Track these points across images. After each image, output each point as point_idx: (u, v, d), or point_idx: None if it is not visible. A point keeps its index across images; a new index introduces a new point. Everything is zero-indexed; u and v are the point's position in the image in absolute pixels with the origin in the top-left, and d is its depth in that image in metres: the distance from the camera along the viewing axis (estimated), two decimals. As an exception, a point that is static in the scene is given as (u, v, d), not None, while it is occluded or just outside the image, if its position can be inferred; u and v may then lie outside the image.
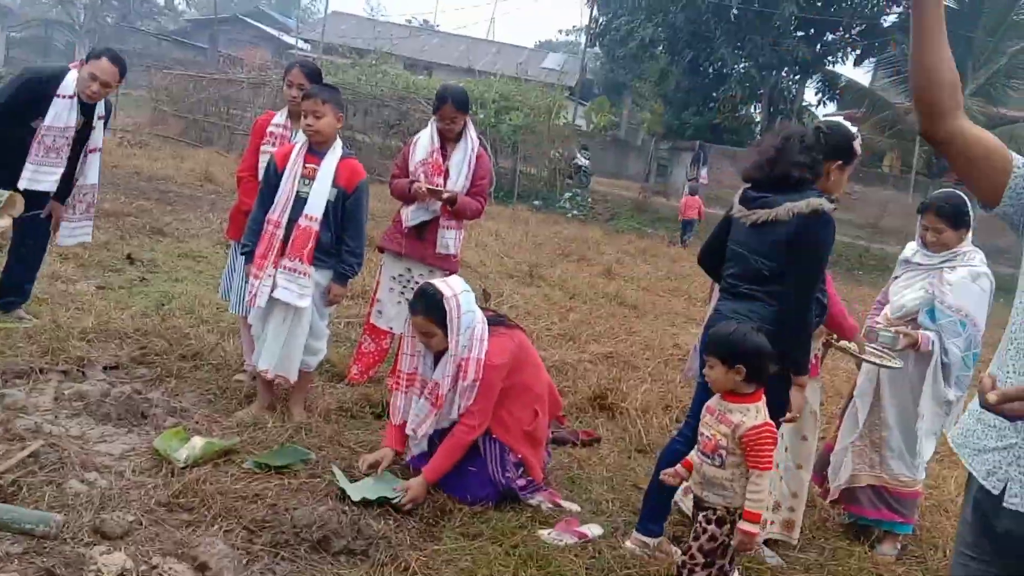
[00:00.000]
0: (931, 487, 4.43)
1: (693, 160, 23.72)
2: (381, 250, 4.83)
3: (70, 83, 4.52)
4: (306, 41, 36.05)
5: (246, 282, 4.00)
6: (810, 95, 27.06)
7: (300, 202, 3.85)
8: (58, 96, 4.50)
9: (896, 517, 3.77)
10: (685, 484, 3.11)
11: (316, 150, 3.91)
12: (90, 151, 4.76)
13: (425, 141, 4.59)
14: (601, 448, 4.35)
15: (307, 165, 3.89)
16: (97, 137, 4.77)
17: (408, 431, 3.57)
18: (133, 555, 2.67)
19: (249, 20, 41.92)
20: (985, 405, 1.60)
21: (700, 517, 2.74)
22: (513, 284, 8.31)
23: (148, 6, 46.50)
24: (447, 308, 3.39)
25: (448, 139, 4.60)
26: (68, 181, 4.74)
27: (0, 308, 4.75)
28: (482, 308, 3.62)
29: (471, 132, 4.63)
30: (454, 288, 3.48)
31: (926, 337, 3.60)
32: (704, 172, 22.69)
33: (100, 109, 4.73)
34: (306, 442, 3.71)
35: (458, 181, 4.54)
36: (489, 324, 3.55)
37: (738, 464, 2.67)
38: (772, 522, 3.49)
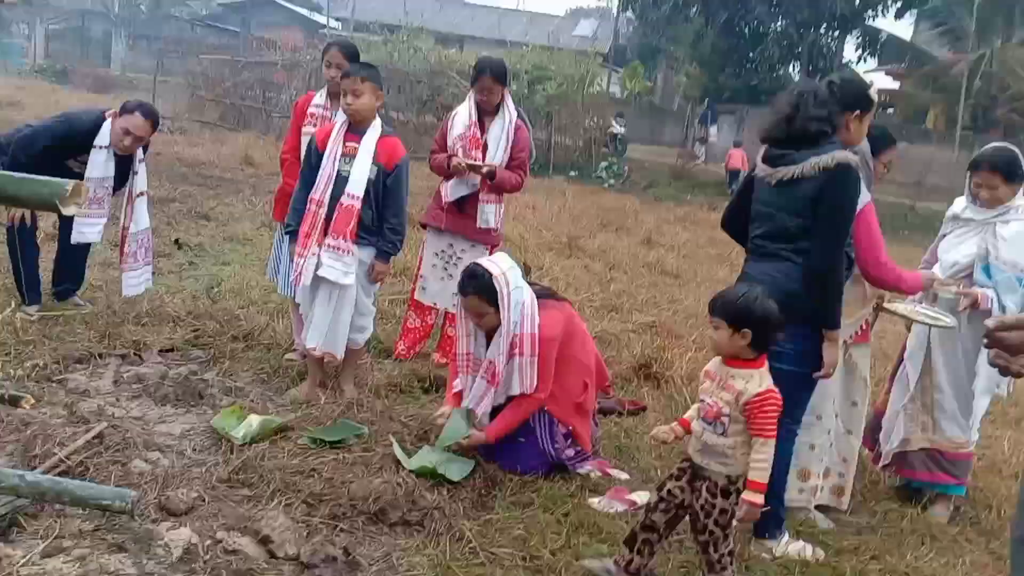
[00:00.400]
0: (984, 447, 4.38)
1: (701, 119, 23.44)
2: (423, 226, 4.87)
3: (106, 134, 4.48)
4: (337, 19, 36.09)
5: (291, 262, 4.08)
6: (850, 51, 26.44)
7: (341, 181, 3.89)
8: (95, 147, 4.49)
9: (950, 479, 3.74)
10: None
11: (356, 129, 3.94)
12: (137, 195, 4.64)
13: (463, 115, 4.60)
14: (647, 417, 4.38)
15: (347, 144, 3.93)
16: (140, 181, 4.66)
17: (469, 406, 3.59)
18: (198, 530, 2.77)
19: (280, 2, 42.00)
20: (986, 334, 1.63)
21: (703, 489, 2.64)
22: (552, 256, 8.31)
23: (180, -8, 46.94)
24: (497, 287, 3.41)
25: (486, 112, 4.61)
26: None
27: (56, 296, 4.90)
28: (528, 283, 3.65)
29: (509, 105, 4.63)
30: (501, 266, 3.50)
31: (985, 295, 3.53)
32: (713, 130, 22.37)
33: (139, 152, 4.64)
34: (358, 417, 3.79)
35: (497, 154, 4.55)
36: (538, 298, 3.57)
37: (741, 432, 2.59)
38: (822, 488, 3.49)
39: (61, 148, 4.50)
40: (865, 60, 25.59)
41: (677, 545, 3.10)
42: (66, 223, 4.86)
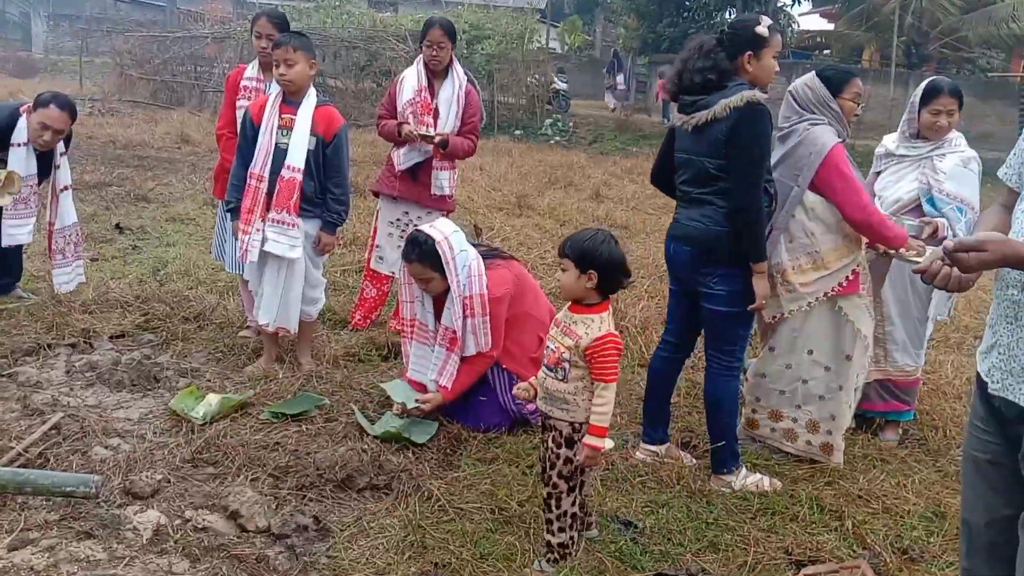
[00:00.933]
0: (928, 372, 4.56)
1: (608, 68, 23.52)
2: (376, 195, 4.81)
3: (22, 130, 4.34)
4: (266, -12, 35.07)
5: (236, 239, 4.03)
6: (784, -6, 26.53)
7: (280, 154, 3.84)
8: (13, 145, 4.34)
9: (901, 406, 3.89)
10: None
11: (291, 100, 3.88)
12: (61, 190, 4.55)
13: (412, 79, 4.51)
14: (605, 367, 4.44)
15: (283, 116, 3.87)
16: (64, 175, 4.57)
17: (432, 381, 3.60)
18: (166, 511, 2.78)
19: (205, -28, 40.66)
20: (945, 250, 1.77)
21: (549, 440, 2.64)
22: (503, 216, 8.32)
23: (99, -33, 45.03)
24: (441, 252, 3.42)
25: (435, 75, 4.53)
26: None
27: (-3, 289, 4.78)
28: (475, 244, 3.67)
29: (458, 68, 4.56)
30: (444, 231, 3.51)
31: (943, 224, 3.60)
32: (620, 79, 22.41)
33: (60, 146, 4.51)
34: (318, 389, 3.81)
35: (448, 120, 4.50)
36: (484, 259, 3.60)
37: (582, 378, 2.57)
38: (809, 442, 3.53)
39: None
40: (799, 2, 25.75)
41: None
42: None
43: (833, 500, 3.20)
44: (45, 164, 4.50)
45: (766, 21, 3.18)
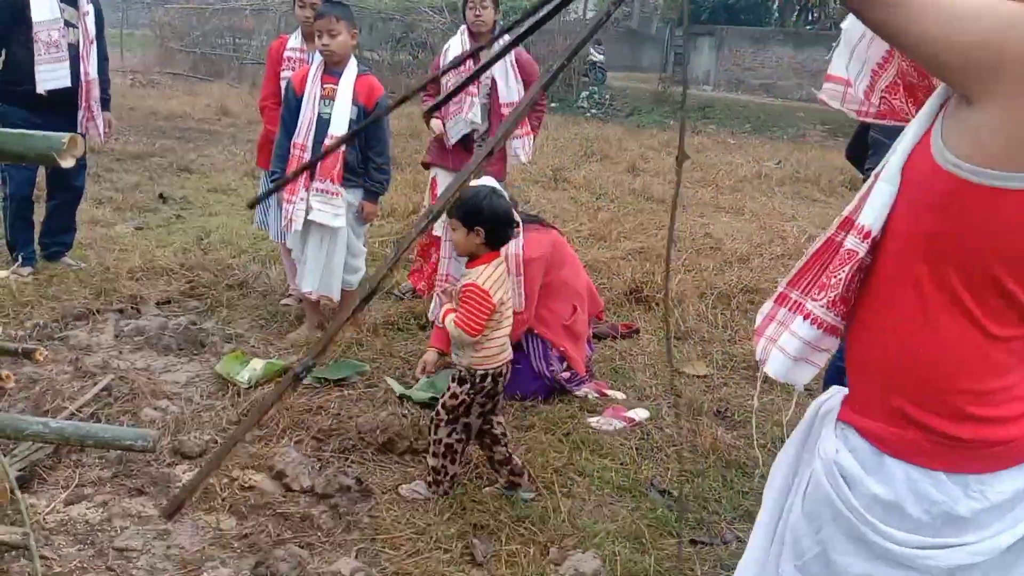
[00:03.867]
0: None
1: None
2: (426, 166, 4.78)
3: None
4: (303, -40, 35.13)
5: (280, 208, 4.10)
6: (828, -37, 25.93)
7: (323, 123, 3.89)
8: None
9: None
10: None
11: (333, 70, 3.92)
12: (89, 42, 4.65)
13: (456, 48, 4.45)
14: (641, 339, 4.48)
15: (325, 86, 3.91)
16: (91, 25, 4.65)
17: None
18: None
19: (242, -56, 40.82)
20: None
21: (452, 379, 2.82)
22: (539, 190, 8.33)
23: (138, -60, 45.33)
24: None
25: (481, 42, 4.36)
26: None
27: (46, 257, 4.91)
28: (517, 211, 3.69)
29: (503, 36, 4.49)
30: (490, 186, 3.53)
31: None
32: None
33: (85, 5, 4.62)
34: (359, 355, 3.89)
35: (509, 90, 4.38)
36: (525, 223, 3.63)
37: None
38: None
39: (10, 18, 4.43)
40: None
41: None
42: (57, 181, 4.86)
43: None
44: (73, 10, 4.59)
45: None
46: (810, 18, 25.43)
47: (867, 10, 1.18)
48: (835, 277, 1.34)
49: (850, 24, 2.07)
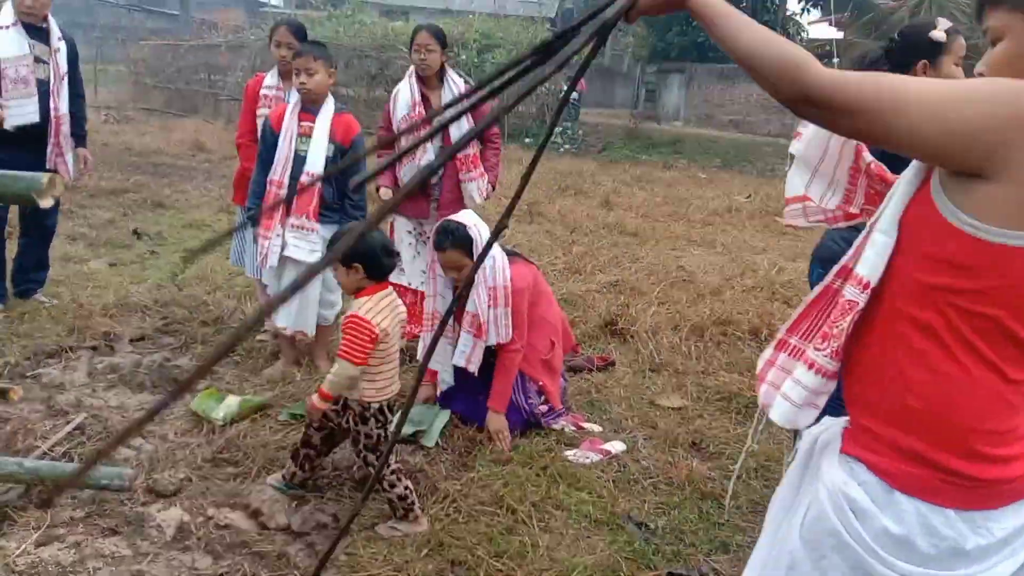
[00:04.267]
0: None
1: None
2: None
3: (7, 12, 4.49)
4: (278, -3, 35.38)
5: (256, 244, 4.11)
6: (793, 3, 26.65)
7: (300, 160, 3.92)
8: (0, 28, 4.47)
9: None
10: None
11: (310, 108, 3.97)
12: (60, 78, 4.66)
13: (405, 94, 4.43)
14: (616, 371, 4.51)
15: (302, 123, 3.95)
16: (62, 62, 4.67)
17: (458, 363, 3.69)
18: (188, 509, 2.85)
19: (217, -19, 41.01)
20: None
21: (350, 419, 2.86)
22: (514, 223, 8.39)
23: (113, -23, 45.42)
24: (473, 236, 3.50)
25: (430, 87, 4.44)
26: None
27: (18, 295, 4.86)
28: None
29: (452, 76, 4.49)
30: (471, 219, 3.61)
31: None
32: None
33: (56, 41, 4.65)
34: (335, 391, 3.87)
35: (463, 133, 4.41)
36: (507, 255, 3.72)
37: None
38: None
39: None
40: (808, 11, 25.85)
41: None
42: (30, 219, 4.83)
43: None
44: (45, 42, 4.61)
45: (943, 24, 2.81)
46: (777, 55, 25.99)
47: (839, 122, 1.21)
48: (837, 327, 1.38)
49: (803, 148, 2.18)
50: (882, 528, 1.30)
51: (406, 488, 2.85)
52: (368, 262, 2.78)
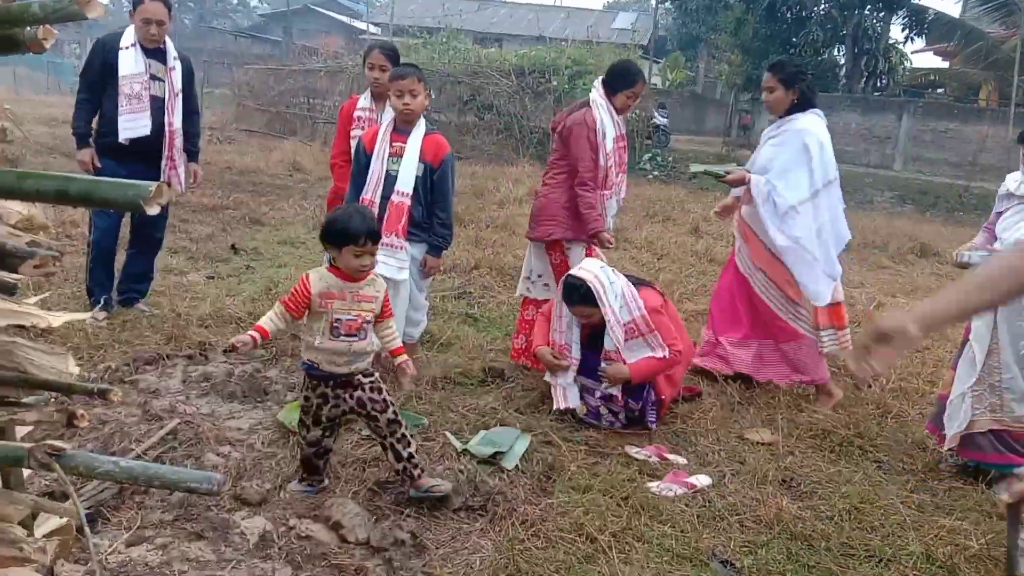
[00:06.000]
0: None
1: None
2: (550, 243, 4.65)
3: (129, 34, 4.77)
4: (376, 24, 36.51)
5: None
6: (896, 31, 25.91)
7: (391, 180, 3.98)
8: (122, 49, 4.74)
9: (1019, 459, 3.67)
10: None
11: (401, 128, 4.03)
12: (175, 94, 4.91)
13: (609, 128, 4.44)
14: (703, 402, 4.39)
15: (394, 144, 4.02)
16: (176, 79, 4.91)
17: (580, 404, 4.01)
18: (272, 518, 2.88)
19: (320, 9, 42.66)
20: None
21: (367, 389, 3.00)
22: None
23: (222, 5, 47.87)
24: (594, 290, 3.81)
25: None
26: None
27: (122, 303, 5.08)
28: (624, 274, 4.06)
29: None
30: (592, 270, 3.89)
31: None
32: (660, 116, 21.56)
33: (172, 61, 4.89)
34: (417, 409, 3.89)
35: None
36: (635, 284, 4.01)
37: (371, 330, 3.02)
38: None
39: (100, 68, 4.77)
40: (912, 40, 25.00)
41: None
42: (140, 231, 5.06)
43: (945, 554, 3.04)
44: (160, 65, 4.87)
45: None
46: (878, 84, 25.24)
47: None
48: None
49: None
50: None
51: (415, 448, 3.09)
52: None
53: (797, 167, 4.27)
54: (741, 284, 4.60)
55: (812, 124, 4.32)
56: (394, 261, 3.97)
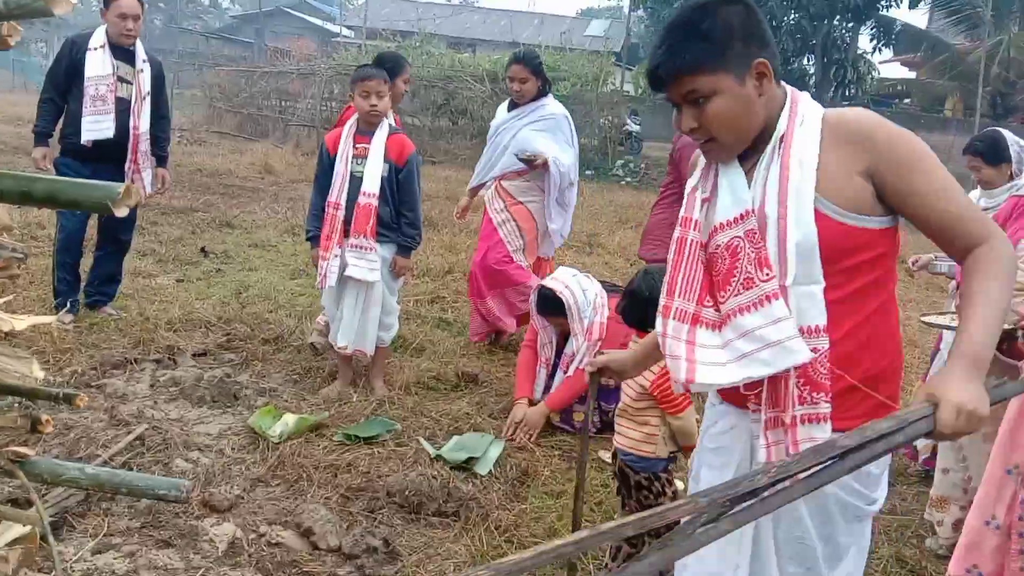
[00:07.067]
0: None
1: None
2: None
3: (99, 35, 4.70)
4: (349, 27, 36.31)
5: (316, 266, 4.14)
6: (864, 42, 26.25)
7: (356, 181, 3.96)
8: (89, 49, 4.67)
9: None
10: None
11: (364, 130, 4.01)
12: (143, 96, 4.83)
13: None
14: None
15: (357, 145, 4.01)
16: (145, 82, 4.83)
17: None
18: (241, 524, 2.85)
19: (292, 12, 42.37)
20: None
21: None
22: (573, 254, 8.36)
23: (193, 6, 47.39)
24: (564, 299, 3.84)
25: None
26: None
27: (89, 306, 4.99)
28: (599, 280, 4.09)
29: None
30: (564, 280, 3.90)
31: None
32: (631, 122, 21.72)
33: (141, 63, 4.81)
34: (390, 413, 3.87)
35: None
36: (609, 292, 3.99)
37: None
38: None
39: (67, 69, 4.68)
40: (880, 51, 25.42)
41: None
42: (107, 233, 4.98)
43: (914, 557, 3.08)
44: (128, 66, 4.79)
45: None
46: (847, 94, 25.62)
47: None
48: None
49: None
50: None
51: None
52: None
53: None
54: None
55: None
56: (364, 263, 3.95)
